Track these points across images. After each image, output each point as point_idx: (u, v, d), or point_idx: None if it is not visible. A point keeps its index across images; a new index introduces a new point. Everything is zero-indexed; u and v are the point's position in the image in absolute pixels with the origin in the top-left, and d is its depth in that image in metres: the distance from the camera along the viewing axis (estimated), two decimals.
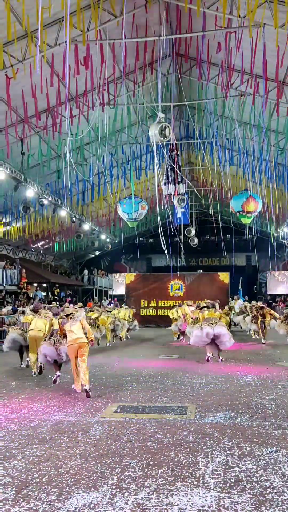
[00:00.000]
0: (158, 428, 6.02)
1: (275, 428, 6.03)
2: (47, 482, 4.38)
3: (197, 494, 4.09)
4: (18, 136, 15.09)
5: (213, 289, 25.25)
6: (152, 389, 8.45)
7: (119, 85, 15.44)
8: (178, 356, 13.20)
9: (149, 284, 26.49)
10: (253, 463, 4.80)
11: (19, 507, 3.89)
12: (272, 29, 10.69)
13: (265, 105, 14.10)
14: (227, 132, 19.14)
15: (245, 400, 7.57)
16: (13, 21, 10.43)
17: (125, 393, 8.15)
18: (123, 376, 9.82)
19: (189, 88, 17.75)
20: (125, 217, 20.76)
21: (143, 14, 12.29)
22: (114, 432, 5.91)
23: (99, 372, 10.43)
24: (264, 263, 34.52)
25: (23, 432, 5.94)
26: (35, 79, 11.98)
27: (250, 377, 9.63)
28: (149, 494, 4.10)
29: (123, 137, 19.42)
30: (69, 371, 10.63)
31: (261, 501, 3.96)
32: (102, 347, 15.58)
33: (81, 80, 13.88)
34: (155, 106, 14.61)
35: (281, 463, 4.80)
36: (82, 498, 4.03)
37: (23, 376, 10.12)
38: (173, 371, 10.42)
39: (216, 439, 5.58)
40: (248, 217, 19.78)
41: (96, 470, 4.67)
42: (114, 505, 3.89)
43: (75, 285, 33.83)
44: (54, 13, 10.95)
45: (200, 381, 9.24)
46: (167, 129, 10.01)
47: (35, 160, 16.71)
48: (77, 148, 18.22)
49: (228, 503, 3.92)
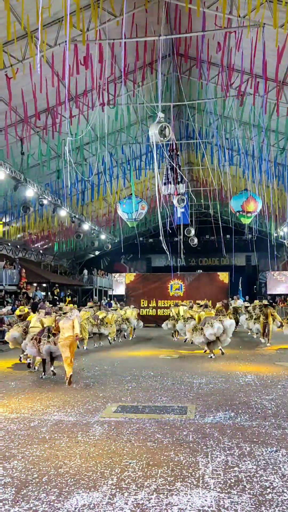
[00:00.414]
0: (158, 428, 6.02)
1: (275, 428, 6.03)
2: (47, 482, 4.38)
3: (197, 494, 4.09)
4: (18, 136, 15.09)
5: (213, 289, 25.21)
6: (152, 389, 8.45)
7: (119, 85, 15.44)
8: (178, 356, 13.19)
9: (149, 284, 26.45)
10: (253, 463, 4.80)
11: (19, 507, 3.88)
12: (272, 29, 10.69)
13: (265, 105, 14.10)
14: (227, 132, 19.14)
15: (245, 400, 7.57)
16: (12, 21, 10.43)
17: (125, 393, 8.14)
18: (123, 376, 9.82)
19: (188, 88, 17.74)
20: (125, 217, 20.75)
21: (143, 14, 12.28)
22: (114, 432, 5.90)
23: (98, 372, 10.43)
24: (263, 263, 34.53)
25: (23, 432, 5.94)
26: (35, 79, 11.98)
27: (250, 377, 9.63)
28: (149, 494, 4.10)
29: (122, 137, 19.43)
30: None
31: (261, 501, 3.95)
32: (105, 346, 15.59)
33: (81, 80, 13.88)
34: (155, 106, 14.61)
35: (281, 463, 4.80)
36: (82, 498, 4.03)
37: (22, 376, 10.12)
38: (173, 371, 10.42)
39: (216, 439, 5.58)
40: (248, 217, 19.78)
41: (96, 470, 4.66)
42: (114, 505, 3.89)
43: (75, 285, 33.82)
44: (54, 12, 10.95)
45: (200, 381, 9.24)
46: (167, 129, 9.99)
47: (34, 160, 16.70)
48: (76, 148, 18.22)
49: (228, 503, 3.91)
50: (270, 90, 14.30)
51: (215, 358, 12.31)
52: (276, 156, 18.98)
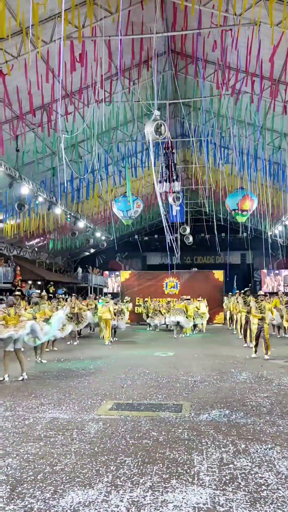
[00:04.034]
0: (153, 426, 6.02)
1: (269, 425, 6.05)
2: (42, 480, 4.37)
3: (192, 491, 4.09)
4: (13, 132, 15.02)
5: (208, 287, 25.30)
6: (147, 387, 8.45)
7: (114, 82, 15.40)
8: (174, 353, 13.21)
9: (144, 282, 26.49)
10: (247, 460, 4.82)
11: (14, 505, 3.87)
12: (268, 27, 10.70)
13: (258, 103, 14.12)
14: (223, 130, 19.14)
15: (239, 398, 7.59)
16: (8, 17, 10.37)
17: (120, 391, 8.14)
18: (118, 374, 9.82)
19: (184, 86, 17.72)
20: (120, 215, 20.75)
21: (139, 11, 12.25)
22: (109, 429, 5.90)
23: (93, 370, 10.42)
24: (258, 261, 34.66)
25: (18, 430, 5.92)
26: (30, 75, 11.92)
27: (244, 375, 9.66)
28: (144, 491, 4.10)
29: (118, 134, 19.38)
30: (63, 369, 10.63)
31: (256, 498, 3.97)
32: (100, 344, 15.58)
33: (76, 77, 13.82)
34: (150, 104, 14.59)
35: (276, 460, 4.82)
36: (77, 496, 4.02)
37: (17, 374, 10.08)
38: (168, 369, 10.43)
39: (211, 436, 5.60)
40: (243, 215, 19.83)
41: (91, 467, 4.66)
42: (109, 503, 3.89)
43: (70, 282, 33.78)
44: (49, 9, 10.90)
45: (195, 378, 9.26)
46: (163, 126, 9.98)
47: (30, 157, 16.63)
48: (72, 146, 18.15)
49: (223, 500, 3.92)
50: (266, 89, 14.32)
51: (210, 356, 12.32)
52: (271, 154, 19.02)
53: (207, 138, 19.54)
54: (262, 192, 20.12)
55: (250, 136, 18.45)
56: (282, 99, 14.66)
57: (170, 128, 15.71)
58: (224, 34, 12.72)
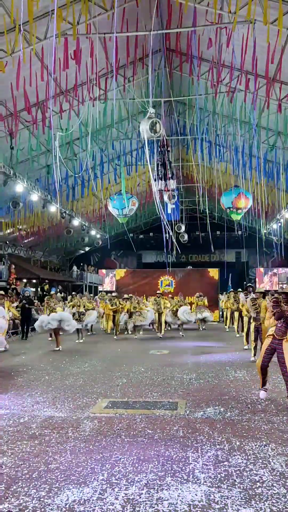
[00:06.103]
0: (148, 424, 6.03)
1: (264, 422, 6.07)
2: (37, 478, 4.36)
3: (187, 489, 4.10)
4: (7, 130, 14.94)
5: (203, 285, 25.29)
6: (142, 385, 8.46)
7: (109, 79, 15.35)
8: (169, 351, 13.23)
9: (139, 280, 26.48)
10: (242, 458, 4.83)
11: (9, 503, 3.86)
12: (263, 26, 10.69)
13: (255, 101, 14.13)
14: (217, 128, 19.15)
15: (234, 395, 7.61)
16: (1, 13, 10.31)
17: (115, 389, 8.14)
18: (113, 372, 9.82)
19: (180, 83, 17.70)
20: (116, 213, 20.72)
21: (134, 8, 12.21)
22: (104, 427, 5.90)
23: (88, 368, 10.41)
24: (253, 260, 34.74)
25: (13, 428, 5.91)
26: (24, 72, 11.85)
27: (239, 372, 9.69)
28: (139, 489, 4.10)
29: (113, 132, 19.33)
30: (58, 367, 10.61)
31: (251, 495, 3.98)
32: (95, 342, 15.56)
33: (71, 75, 13.76)
34: (145, 102, 14.54)
35: (270, 457, 4.84)
36: (72, 494, 4.02)
37: (11, 372, 10.06)
38: (163, 366, 10.44)
39: (206, 434, 5.61)
40: (239, 213, 19.87)
41: (86, 465, 4.66)
42: (104, 501, 3.89)
43: (65, 281, 33.72)
44: (43, 6, 10.83)
45: (190, 376, 9.27)
46: (158, 124, 9.95)
47: (24, 154, 16.56)
48: (67, 143, 18.10)
49: (218, 497, 3.93)
50: (261, 87, 14.33)
51: (206, 354, 12.34)
52: (266, 152, 19.06)
53: (201, 136, 19.53)
54: (257, 190, 20.16)
55: (245, 134, 18.47)
56: (277, 97, 14.68)
57: (165, 126, 15.68)
58: (219, 32, 12.71)
